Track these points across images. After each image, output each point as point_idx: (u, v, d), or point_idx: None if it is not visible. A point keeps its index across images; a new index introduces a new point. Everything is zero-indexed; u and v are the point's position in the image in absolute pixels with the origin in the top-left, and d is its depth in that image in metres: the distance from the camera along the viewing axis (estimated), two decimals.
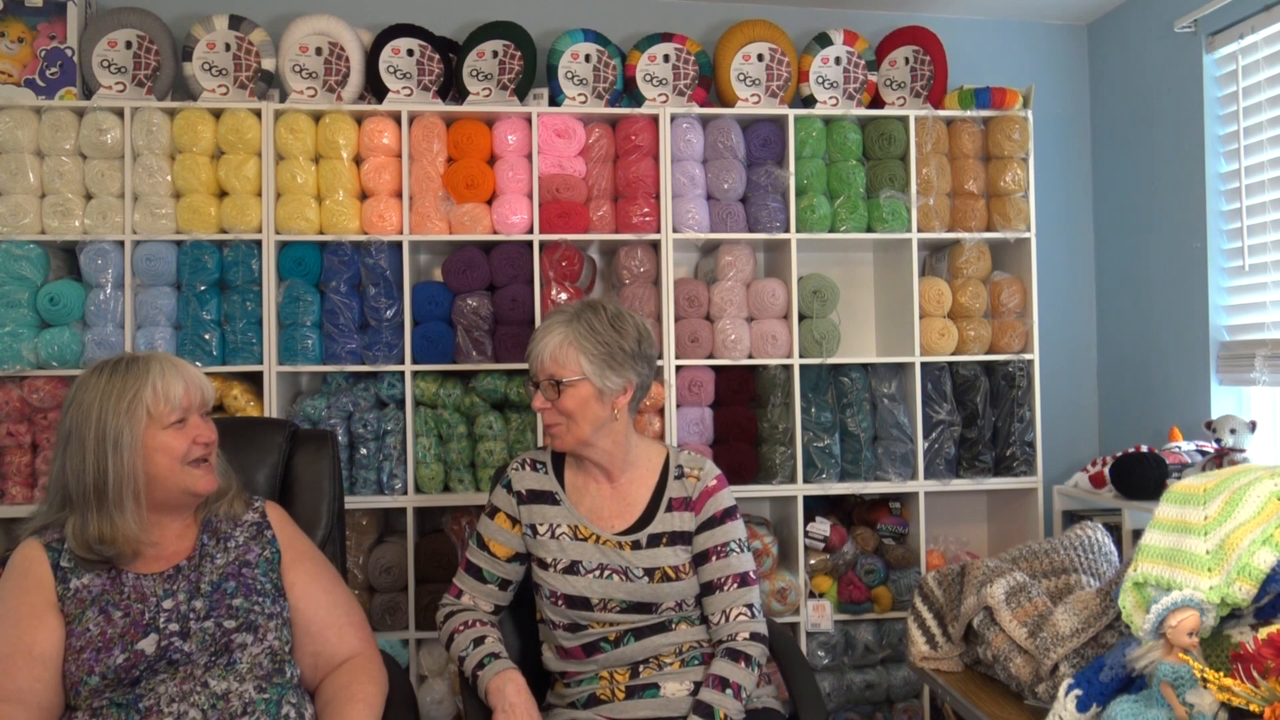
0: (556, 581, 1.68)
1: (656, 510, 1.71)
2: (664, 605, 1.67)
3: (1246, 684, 1.05)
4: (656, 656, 1.67)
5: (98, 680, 1.34)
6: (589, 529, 1.70)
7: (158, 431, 1.43)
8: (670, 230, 2.73)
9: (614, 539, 1.69)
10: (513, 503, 1.74)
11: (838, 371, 2.84)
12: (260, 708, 1.40)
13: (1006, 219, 2.87)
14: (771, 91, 2.85)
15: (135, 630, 1.38)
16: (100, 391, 1.42)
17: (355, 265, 2.64)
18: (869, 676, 2.82)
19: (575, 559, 1.68)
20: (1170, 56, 2.85)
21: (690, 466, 1.75)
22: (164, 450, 1.43)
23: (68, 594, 1.40)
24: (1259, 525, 1.16)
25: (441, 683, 2.66)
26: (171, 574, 1.46)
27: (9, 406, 2.50)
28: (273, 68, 2.70)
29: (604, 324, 1.65)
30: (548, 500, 1.73)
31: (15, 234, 2.51)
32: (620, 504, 1.73)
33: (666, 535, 1.69)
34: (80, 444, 1.40)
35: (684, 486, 1.73)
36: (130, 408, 1.41)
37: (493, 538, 1.74)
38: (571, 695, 1.69)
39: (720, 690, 1.58)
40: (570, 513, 1.71)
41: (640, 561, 1.67)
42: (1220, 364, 2.70)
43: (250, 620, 1.44)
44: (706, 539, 1.70)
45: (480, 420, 2.68)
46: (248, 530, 1.55)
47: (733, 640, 1.66)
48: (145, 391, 1.42)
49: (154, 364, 1.46)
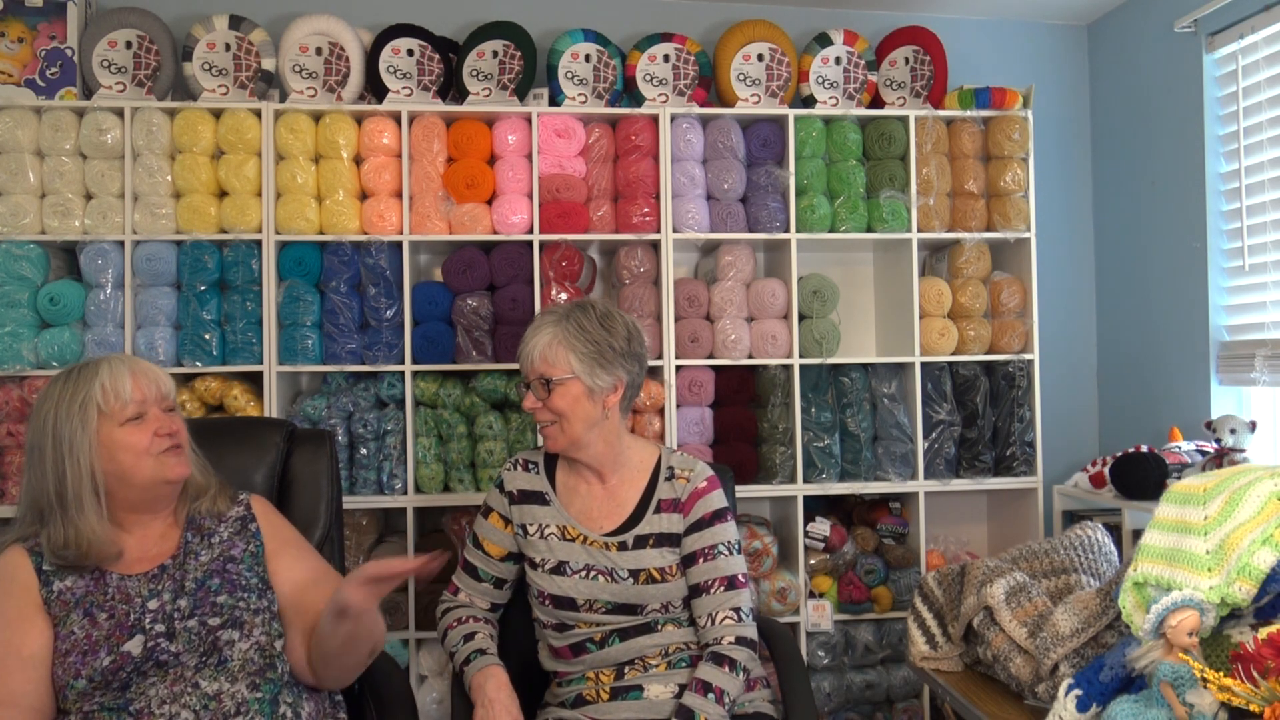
0: (544, 581, 1.69)
1: (645, 511, 1.71)
2: (649, 607, 1.67)
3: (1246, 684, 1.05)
4: (642, 657, 1.67)
5: (85, 683, 1.34)
6: (577, 529, 1.70)
7: (114, 429, 1.42)
8: (670, 230, 2.73)
9: (601, 540, 1.69)
10: (505, 502, 1.75)
11: (838, 371, 2.84)
12: (254, 707, 1.39)
13: (1006, 219, 2.87)
14: (771, 91, 2.85)
15: (120, 632, 1.38)
16: (55, 400, 1.43)
17: (355, 265, 2.64)
18: (869, 676, 2.81)
19: (562, 559, 1.68)
20: (1170, 56, 2.85)
21: (681, 468, 1.74)
22: (125, 447, 1.42)
23: (52, 597, 1.40)
24: (1259, 525, 1.16)
25: (441, 682, 2.66)
26: (156, 574, 1.45)
27: (9, 406, 2.50)
28: (273, 68, 2.70)
29: (593, 323, 1.66)
30: (538, 500, 1.74)
31: (15, 234, 2.51)
32: (610, 504, 1.73)
33: (654, 537, 1.69)
34: (40, 454, 1.41)
35: (674, 488, 1.72)
36: (81, 409, 1.41)
37: (486, 537, 1.76)
38: (562, 695, 1.70)
39: (703, 695, 1.57)
40: (560, 513, 1.72)
41: (626, 563, 1.67)
42: (1220, 364, 2.70)
43: (235, 616, 1.43)
44: (695, 541, 1.69)
45: (480, 420, 2.68)
46: (232, 525, 1.55)
47: (718, 644, 1.65)
48: (94, 391, 1.42)
49: (104, 365, 1.46)
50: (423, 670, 2.67)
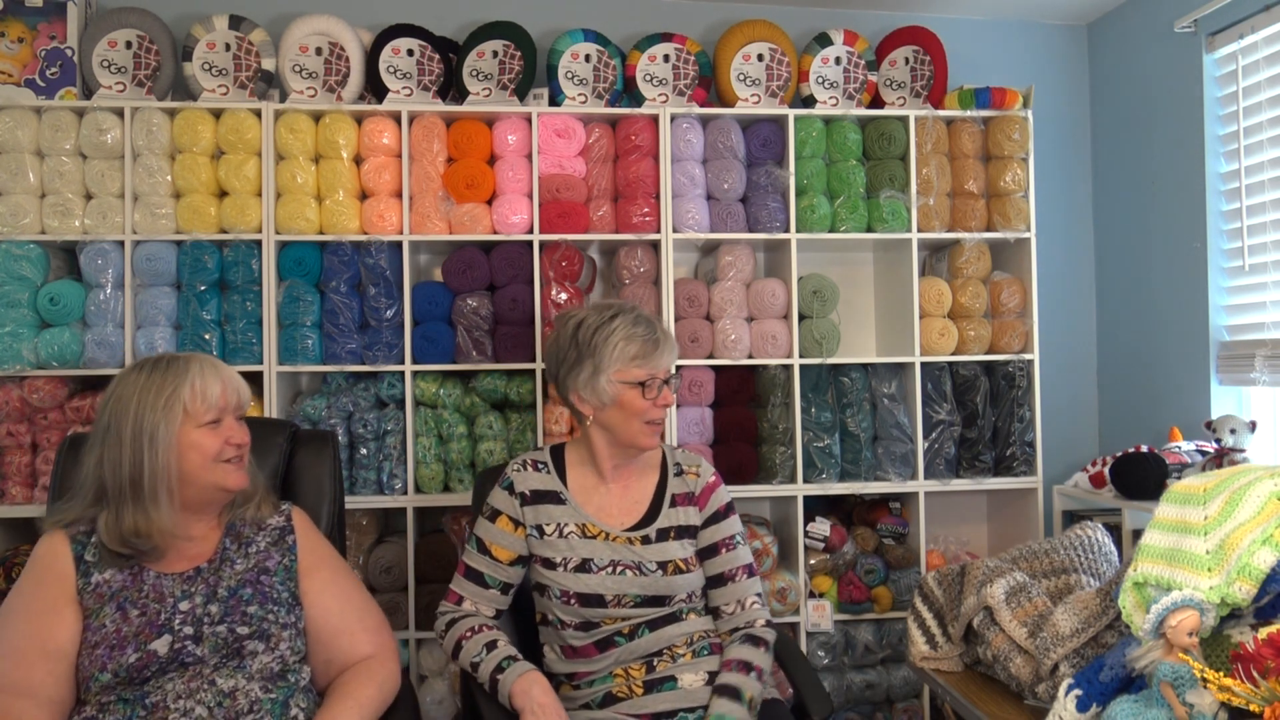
0: (568, 580, 1.68)
1: (661, 506, 1.75)
2: (677, 597, 1.70)
3: (1246, 684, 1.05)
4: (670, 648, 1.69)
5: (109, 678, 1.35)
6: (597, 526, 1.71)
7: (192, 430, 1.45)
8: (670, 230, 2.73)
9: (623, 535, 1.71)
10: (515, 504, 1.74)
11: (838, 371, 2.84)
12: (266, 707, 1.40)
13: (1006, 219, 2.87)
14: (771, 91, 2.85)
15: (150, 630, 1.39)
16: (139, 387, 1.44)
17: (355, 265, 2.64)
18: (869, 676, 2.81)
19: (586, 557, 1.69)
20: (1170, 56, 2.85)
21: (688, 464, 1.81)
22: (197, 449, 1.45)
23: (88, 588, 1.41)
24: (1259, 525, 1.16)
25: (441, 683, 2.66)
26: (191, 575, 1.46)
27: (9, 406, 2.50)
28: (273, 68, 2.70)
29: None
30: (552, 500, 1.74)
31: (15, 234, 2.51)
32: (626, 501, 1.75)
33: (674, 529, 1.74)
34: (118, 438, 1.42)
35: (684, 483, 1.78)
36: (168, 404, 1.43)
37: (495, 541, 1.73)
38: (583, 696, 1.69)
39: (745, 673, 1.64)
40: (577, 511, 1.73)
41: (652, 555, 1.70)
42: (1220, 364, 2.70)
43: (263, 629, 1.44)
44: (713, 533, 1.76)
45: (480, 420, 2.68)
46: (270, 535, 1.55)
47: (751, 627, 1.72)
48: (184, 389, 1.44)
49: (194, 363, 1.48)
50: (423, 670, 2.67)
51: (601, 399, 1.70)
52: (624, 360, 1.68)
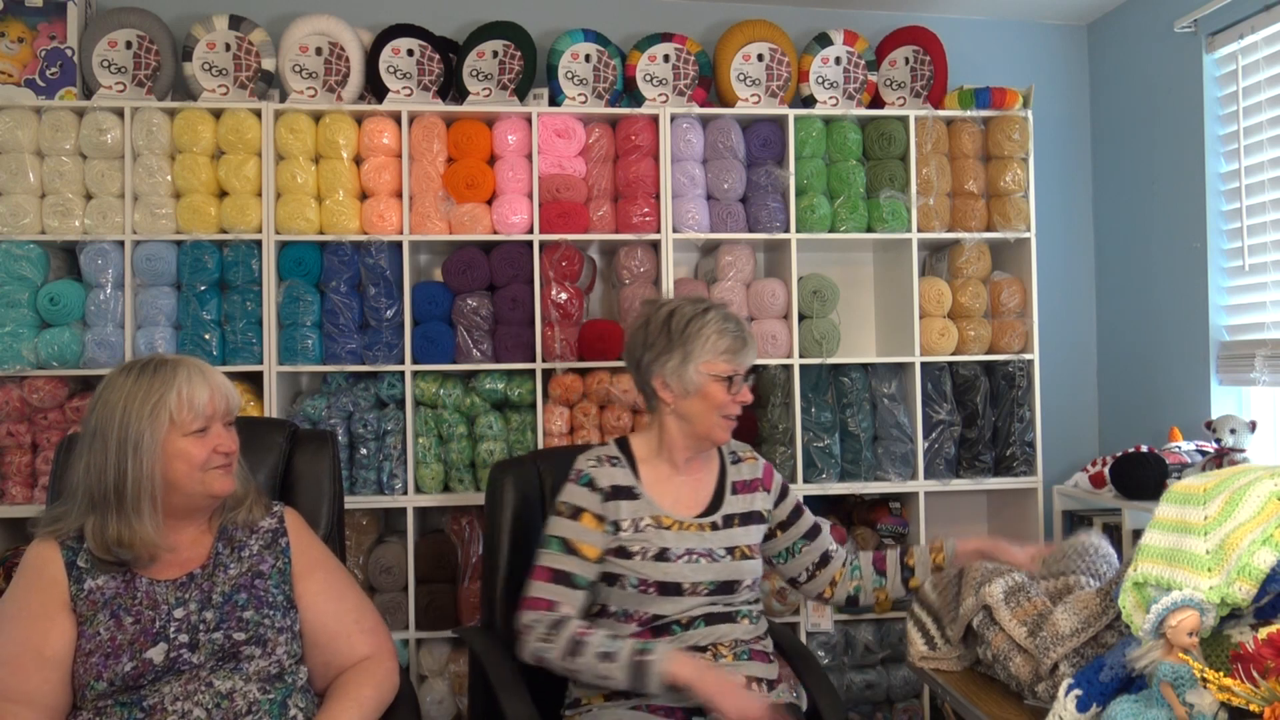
0: (647, 569, 1.67)
1: (724, 494, 1.79)
2: (744, 583, 1.74)
3: (1246, 684, 1.05)
4: (716, 644, 1.69)
5: (105, 686, 1.34)
6: (670, 517, 1.72)
7: (178, 438, 1.41)
8: (670, 230, 2.73)
9: (695, 523, 1.74)
10: (597, 500, 1.71)
11: (838, 371, 2.84)
12: (264, 707, 1.39)
13: (1006, 219, 2.87)
14: (771, 91, 2.85)
15: (145, 638, 1.37)
16: (126, 392, 1.40)
17: (355, 265, 2.64)
18: (869, 676, 2.81)
19: (664, 546, 1.69)
20: (1170, 56, 2.84)
21: (741, 451, 1.88)
22: (183, 457, 1.41)
23: (81, 594, 1.39)
24: (1259, 525, 1.16)
25: (442, 682, 2.66)
26: (184, 582, 1.44)
27: (9, 406, 2.50)
28: (273, 68, 2.70)
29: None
30: (627, 495, 1.73)
31: (15, 234, 2.51)
32: (694, 491, 1.79)
33: (739, 516, 1.78)
34: (103, 443, 1.39)
35: (742, 470, 1.84)
36: (154, 411, 1.39)
37: (582, 540, 1.69)
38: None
39: (883, 567, 1.88)
40: (650, 504, 1.73)
41: (721, 541, 1.73)
42: (1220, 364, 2.70)
43: (260, 634, 1.43)
44: (788, 504, 1.88)
45: (480, 420, 2.68)
46: (263, 538, 1.54)
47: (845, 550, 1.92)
48: (170, 396, 1.40)
49: (181, 369, 1.44)
50: (423, 670, 2.67)
51: (686, 388, 1.71)
52: (715, 353, 1.70)
